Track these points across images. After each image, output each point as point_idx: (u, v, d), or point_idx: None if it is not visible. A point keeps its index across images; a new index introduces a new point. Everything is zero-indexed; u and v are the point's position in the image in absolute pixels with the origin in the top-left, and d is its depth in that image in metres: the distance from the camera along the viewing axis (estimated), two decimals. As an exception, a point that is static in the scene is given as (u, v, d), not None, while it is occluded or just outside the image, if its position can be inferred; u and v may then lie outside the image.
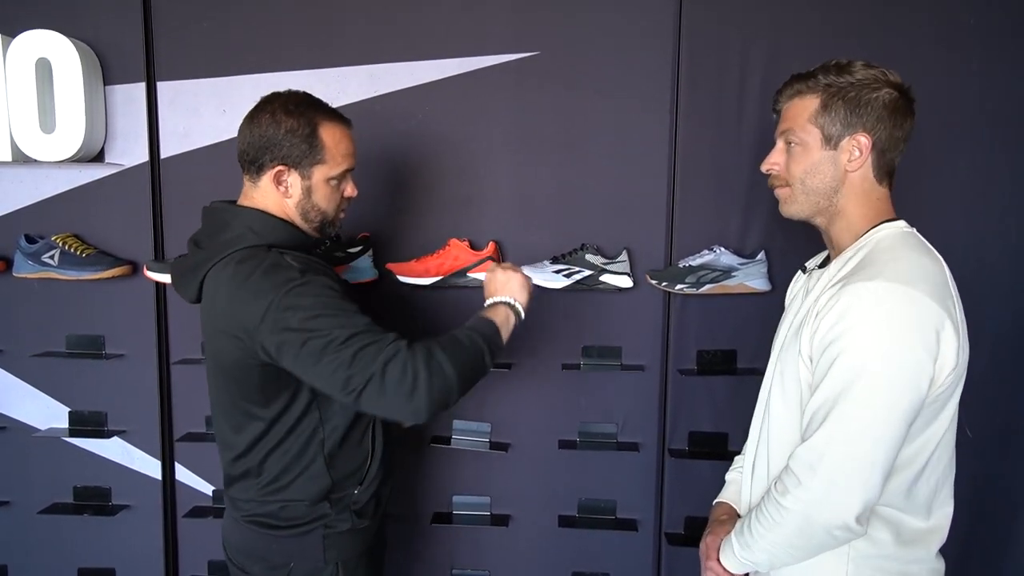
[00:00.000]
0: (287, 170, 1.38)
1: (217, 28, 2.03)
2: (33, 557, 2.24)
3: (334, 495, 1.45)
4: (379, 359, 1.22)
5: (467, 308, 2.05)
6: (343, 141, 1.43)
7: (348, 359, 1.22)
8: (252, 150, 1.38)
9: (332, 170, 1.41)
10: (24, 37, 1.93)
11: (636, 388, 2.10)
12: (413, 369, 1.22)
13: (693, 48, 1.97)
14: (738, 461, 1.54)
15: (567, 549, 2.17)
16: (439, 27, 2.01)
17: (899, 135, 1.22)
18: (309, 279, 1.29)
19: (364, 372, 1.22)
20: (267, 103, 1.40)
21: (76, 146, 1.98)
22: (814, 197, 1.25)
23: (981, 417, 2.02)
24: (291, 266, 1.31)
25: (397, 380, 1.21)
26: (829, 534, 1.13)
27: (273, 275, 1.29)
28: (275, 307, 1.25)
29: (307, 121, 1.38)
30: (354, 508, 1.47)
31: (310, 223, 1.44)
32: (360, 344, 1.23)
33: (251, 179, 1.42)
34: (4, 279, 2.10)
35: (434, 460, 2.17)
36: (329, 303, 1.27)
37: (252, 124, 1.39)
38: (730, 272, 1.95)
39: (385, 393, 1.22)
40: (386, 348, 1.23)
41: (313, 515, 1.44)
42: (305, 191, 1.41)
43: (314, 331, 1.24)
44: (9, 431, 2.18)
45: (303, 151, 1.37)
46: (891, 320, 1.10)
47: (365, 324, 1.27)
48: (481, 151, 2.04)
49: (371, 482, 1.50)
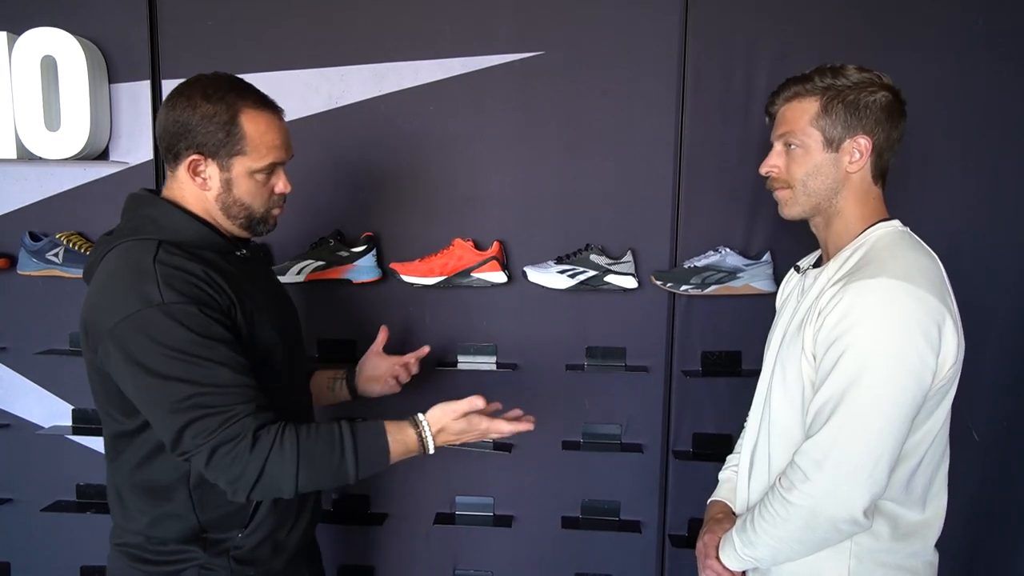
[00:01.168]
0: (203, 160, 1.25)
1: (222, 26, 2.03)
2: (36, 555, 2.24)
3: (208, 536, 1.28)
4: (213, 439, 1.11)
5: (471, 308, 2.08)
6: (270, 131, 1.28)
7: (182, 423, 1.11)
8: (167, 136, 1.25)
9: (255, 162, 1.26)
10: (29, 35, 1.93)
11: (640, 389, 2.09)
12: (245, 461, 1.12)
13: (699, 48, 1.96)
14: (731, 460, 1.56)
15: (570, 550, 2.17)
16: (444, 26, 2.00)
17: (895, 136, 1.25)
18: (169, 305, 1.13)
19: (193, 443, 1.12)
20: (186, 86, 1.26)
21: (81, 144, 1.98)
22: (815, 198, 1.27)
23: (987, 418, 2.02)
24: (154, 278, 1.15)
25: (225, 465, 1.12)
26: (835, 528, 1.15)
27: (134, 286, 1.15)
28: (119, 327, 1.13)
29: (226, 107, 1.23)
30: (235, 555, 1.28)
31: (234, 219, 1.30)
32: (200, 412, 1.11)
33: (170, 168, 1.29)
34: (8, 276, 2.10)
35: (437, 460, 2.13)
36: (181, 342, 1.12)
37: (168, 108, 1.25)
38: (735, 273, 1.94)
39: (208, 470, 1.14)
40: (224, 427, 1.11)
41: (182, 555, 1.27)
42: (224, 184, 1.27)
43: (152, 374, 1.11)
44: (12, 428, 2.18)
45: (220, 140, 1.23)
46: (895, 316, 1.12)
47: (218, 380, 1.13)
48: (486, 151, 2.04)
49: (259, 527, 1.30)
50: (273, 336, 1.31)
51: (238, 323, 1.23)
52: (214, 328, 1.16)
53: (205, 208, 1.29)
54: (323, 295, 2.09)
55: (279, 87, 1.98)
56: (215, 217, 1.30)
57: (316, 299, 2.09)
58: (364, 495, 2.19)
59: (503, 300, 2.07)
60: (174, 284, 1.15)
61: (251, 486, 1.14)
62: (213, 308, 1.18)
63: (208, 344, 1.14)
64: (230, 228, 1.33)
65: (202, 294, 1.18)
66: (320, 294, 2.09)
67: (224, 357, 1.15)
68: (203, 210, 1.29)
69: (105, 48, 2.04)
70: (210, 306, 1.18)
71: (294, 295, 1.98)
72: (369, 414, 2.04)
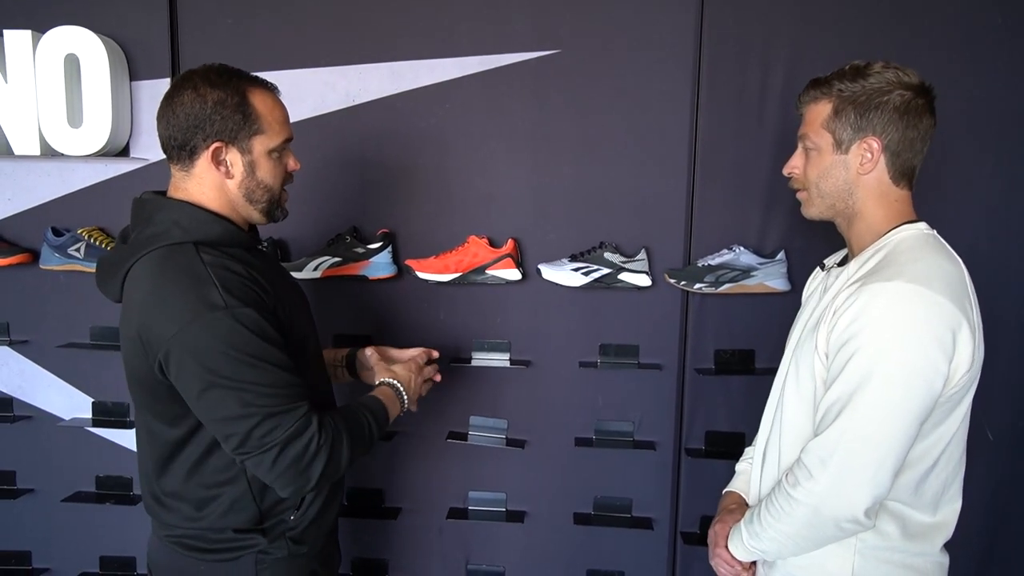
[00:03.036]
0: (224, 147, 1.24)
1: (241, 24, 2.05)
2: (56, 544, 2.28)
3: (266, 523, 1.32)
4: (282, 435, 1.15)
5: (485, 305, 2.09)
6: (276, 108, 1.30)
7: (251, 425, 1.14)
8: (180, 133, 1.23)
9: (272, 140, 1.28)
10: (53, 33, 1.96)
11: (653, 387, 2.09)
12: (315, 451, 1.17)
13: (714, 47, 1.96)
14: (748, 452, 1.57)
15: (582, 547, 2.18)
16: (460, 25, 2.01)
17: (913, 135, 1.22)
18: (232, 309, 1.15)
19: (261, 443, 1.14)
20: (185, 80, 1.25)
21: (102, 141, 2.01)
22: (829, 200, 1.28)
23: (1002, 420, 2.01)
24: (212, 282, 1.16)
25: (293, 459, 1.16)
26: (837, 526, 1.16)
27: (193, 290, 1.15)
28: (186, 333, 1.13)
29: (235, 90, 1.23)
30: (290, 535, 1.34)
31: (256, 204, 1.30)
32: (266, 413, 1.14)
33: (182, 167, 1.27)
34: (31, 271, 2.13)
35: (451, 456, 2.18)
36: (248, 346, 1.15)
37: (173, 105, 1.23)
38: (749, 272, 1.94)
39: (275, 467, 1.16)
40: (294, 424, 1.16)
41: (243, 542, 1.30)
42: (248, 168, 1.27)
43: (222, 378, 1.13)
44: (35, 420, 2.22)
45: (238, 123, 1.23)
46: (908, 320, 1.12)
47: (281, 382, 1.17)
48: (501, 148, 2.05)
49: (309, 507, 1.37)
50: (305, 327, 1.38)
51: (282, 320, 1.25)
52: (269, 330, 1.19)
53: (225, 201, 1.29)
54: (339, 291, 2.11)
55: (298, 85, 2.03)
56: (236, 209, 1.30)
57: (332, 295, 2.11)
58: (378, 489, 2.21)
59: (517, 297, 2.08)
60: (232, 287, 1.17)
61: (320, 473, 1.19)
62: (264, 309, 1.20)
63: (267, 347, 1.17)
64: (250, 217, 1.33)
65: (255, 295, 1.20)
66: (336, 290, 2.11)
67: (280, 358, 1.19)
68: (222, 204, 1.28)
69: (126, 46, 2.07)
70: (263, 307, 1.20)
71: (310, 291, 2.01)
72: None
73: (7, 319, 2.18)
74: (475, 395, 2.13)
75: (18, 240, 2.15)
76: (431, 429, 2.15)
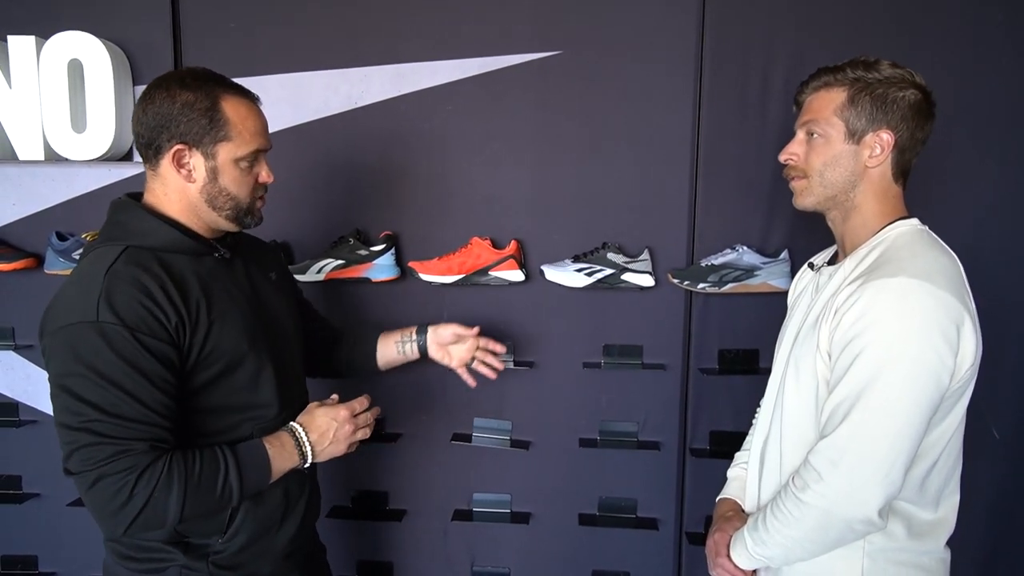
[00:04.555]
0: (187, 149, 1.22)
1: (243, 28, 2.06)
2: (62, 548, 2.28)
3: (188, 540, 1.27)
4: (99, 466, 1.09)
5: (488, 307, 2.09)
6: (250, 117, 1.27)
7: (76, 444, 1.10)
8: (147, 131, 1.23)
9: (239, 149, 1.25)
10: (57, 38, 1.97)
11: (657, 387, 2.09)
12: (126, 496, 1.09)
13: (716, 47, 1.96)
14: (740, 457, 1.55)
15: (587, 547, 2.18)
16: (462, 27, 2.02)
17: (919, 136, 1.24)
18: (102, 324, 1.10)
19: (80, 466, 1.10)
20: (162, 80, 1.25)
21: (106, 145, 2.01)
22: (831, 190, 1.26)
23: (1008, 418, 2.01)
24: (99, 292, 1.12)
25: (105, 495, 1.10)
26: (850, 528, 1.15)
27: (79, 296, 1.14)
28: (55, 336, 1.13)
29: (206, 94, 1.22)
30: (215, 560, 1.27)
31: (220, 211, 1.27)
32: (94, 439, 1.09)
33: (150, 167, 1.26)
34: (36, 275, 2.13)
35: (455, 457, 2.18)
36: (104, 365, 1.10)
37: (145, 102, 1.23)
38: (753, 271, 1.94)
39: (87, 496, 1.11)
40: (115, 459, 1.09)
41: (165, 554, 1.26)
42: (210, 173, 1.24)
43: (66, 389, 1.10)
44: (40, 424, 2.22)
45: (203, 127, 1.22)
46: (914, 315, 1.11)
47: (124, 412, 1.10)
48: (504, 150, 2.05)
49: (239, 532, 1.29)
50: (238, 345, 1.26)
51: (185, 339, 1.19)
52: (141, 357, 1.13)
53: (187, 205, 1.27)
54: (343, 294, 2.12)
55: (300, 88, 2.04)
56: (199, 215, 1.28)
57: (336, 298, 2.12)
58: (383, 492, 2.21)
59: (521, 298, 2.08)
60: (114, 302, 1.12)
61: (132, 519, 1.11)
62: (150, 333, 1.14)
63: (128, 372, 1.11)
64: (216, 224, 1.30)
65: (143, 314, 1.14)
66: (339, 293, 2.11)
67: (140, 389, 1.12)
68: (183, 208, 1.27)
69: (130, 51, 2.07)
70: (146, 330, 1.13)
71: (314, 294, 2.01)
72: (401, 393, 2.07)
73: (12, 324, 2.19)
74: (479, 397, 2.13)
75: (23, 245, 2.15)
76: (435, 431, 2.15)
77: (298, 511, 1.39)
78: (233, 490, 1.19)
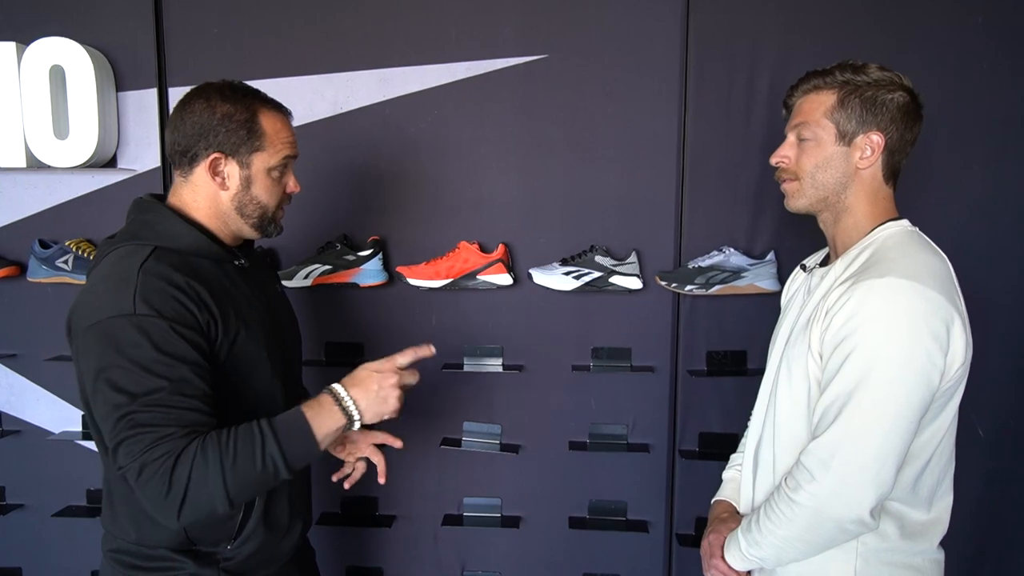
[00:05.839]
0: (224, 158, 1.27)
1: (227, 34, 2.05)
2: (47, 559, 2.25)
3: (197, 548, 1.28)
4: (142, 457, 1.09)
5: (477, 311, 2.09)
6: (284, 129, 1.33)
7: (120, 438, 1.10)
8: (184, 140, 1.27)
9: (272, 158, 1.30)
10: (38, 44, 1.95)
11: (646, 389, 2.10)
12: (166, 483, 1.09)
13: (701, 50, 1.97)
14: (735, 459, 1.55)
15: (578, 550, 2.18)
16: (448, 31, 2.02)
17: (908, 138, 1.25)
18: (139, 317, 1.12)
19: (125, 459, 1.10)
20: (200, 91, 1.30)
21: (89, 152, 2.00)
22: (822, 192, 1.27)
23: (993, 417, 2.02)
24: (134, 287, 1.15)
25: (151, 488, 1.09)
26: (841, 528, 1.15)
27: (114, 291, 1.15)
28: (91, 330, 1.14)
29: (245, 107, 1.28)
30: (225, 567, 1.28)
31: (248, 219, 1.32)
32: (136, 431, 1.10)
33: (182, 173, 1.30)
34: (19, 284, 2.12)
35: (445, 462, 2.17)
36: (142, 356, 1.11)
37: (184, 112, 1.28)
38: (740, 273, 1.95)
39: (138, 486, 1.11)
40: (156, 446, 1.09)
41: (173, 562, 1.27)
42: (244, 182, 1.29)
43: (109, 382, 1.11)
44: (24, 434, 2.20)
45: (241, 137, 1.27)
46: (904, 315, 1.11)
47: (162, 401, 1.11)
48: (490, 154, 2.05)
49: (250, 539, 1.30)
50: (259, 352, 1.29)
51: (216, 339, 1.21)
52: (179, 346, 1.14)
53: (216, 212, 1.30)
54: (330, 299, 2.11)
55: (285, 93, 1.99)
56: (226, 222, 1.31)
57: (323, 303, 2.11)
58: (372, 497, 2.20)
59: (509, 302, 2.08)
60: (150, 296, 1.14)
61: (180, 505, 1.10)
62: (185, 324, 1.16)
63: (166, 362, 1.12)
64: (240, 231, 1.34)
65: (178, 308, 1.16)
66: (327, 298, 2.10)
67: (178, 377, 1.13)
68: (212, 215, 1.30)
69: (112, 57, 2.06)
70: (182, 322, 1.16)
71: (301, 299, 2.01)
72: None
73: (-5, 333, 2.17)
74: (468, 401, 2.13)
75: (5, 253, 2.13)
76: (424, 436, 2.14)
77: (300, 515, 1.42)
78: (276, 460, 1.14)
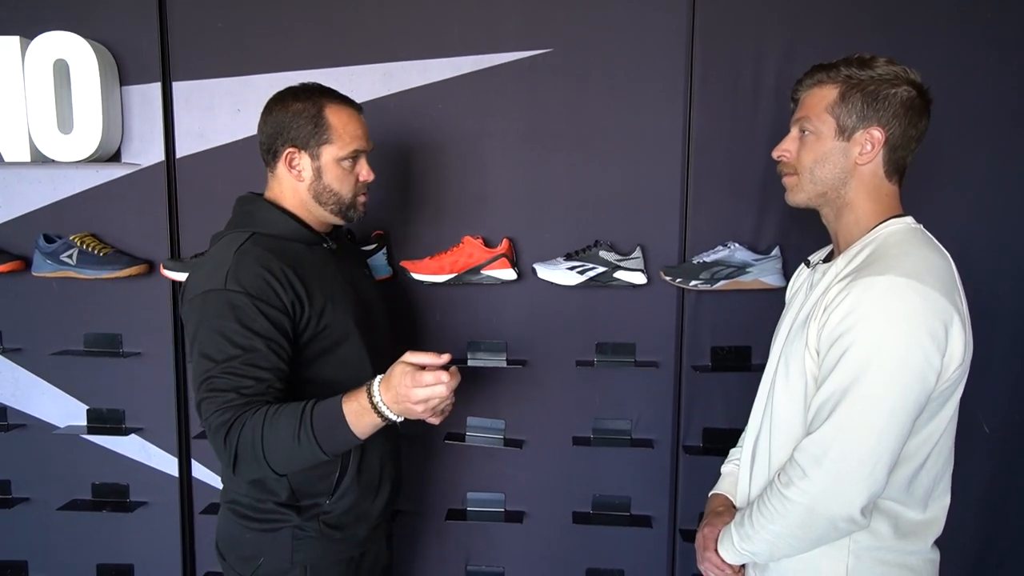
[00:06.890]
0: (297, 152, 1.42)
1: (232, 28, 2.05)
2: (52, 553, 2.26)
3: (302, 502, 1.43)
4: (211, 417, 1.25)
5: (481, 305, 2.09)
6: (351, 123, 1.46)
7: (200, 397, 1.27)
8: (267, 139, 1.44)
9: (341, 150, 1.43)
10: (42, 39, 1.95)
11: (650, 385, 2.09)
12: (223, 442, 1.24)
13: (707, 44, 1.96)
14: (734, 453, 1.55)
15: (581, 546, 2.18)
16: (453, 25, 2.01)
17: (912, 134, 1.23)
18: (228, 292, 1.29)
19: (203, 415, 1.27)
20: (280, 93, 1.47)
21: (93, 146, 2.00)
22: (821, 187, 1.26)
23: (998, 414, 2.02)
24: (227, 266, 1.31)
25: (215, 445, 1.27)
26: (833, 526, 1.15)
27: (214, 270, 1.32)
28: (192, 302, 1.32)
29: (313, 103, 1.42)
30: (324, 519, 1.44)
31: (326, 206, 1.46)
32: (211, 393, 1.26)
33: (270, 169, 1.47)
34: (23, 278, 2.12)
35: (448, 457, 2.17)
36: (229, 328, 1.27)
37: (267, 114, 1.45)
38: (745, 268, 1.94)
39: (210, 443, 1.28)
40: (222, 411, 1.24)
41: (280, 515, 1.43)
42: (316, 172, 1.44)
43: (199, 345, 1.29)
44: (29, 428, 2.21)
45: (309, 131, 1.41)
46: (901, 314, 1.11)
47: (236, 370, 1.26)
48: (495, 148, 2.05)
49: (344, 496, 1.45)
50: (347, 322, 1.44)
51: (302, 316, 1.36)
52: (259, 321, 1.29)
53: (300, 201, 1.46)
54: (334, 294, 2.10)
55: (289, 87, 2.02)
56: (309, 209, 1.47)
57: (327, 298, 2.10)
58: (376, 492, 2.20)
59: (513, 297, 2.08)
60: (240, 275, 1.30)
61: (232, 462, 1.25)
62: (268, 303, 1.31)
63: (246, 334, 1.27)
64: (323, 217, 1.48)
65: (263, 287, 1.31)
66: (331, 293, 2.10)
67: (254, 349, 1.28)
68: (297, 204, 1.46)
69: (116, 51, 2.06)
70: (265, 300, 1.30)
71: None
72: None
73: (0, 327, 2.17)
74: (472, 396, 2.13)
75: (10, 248, 2.13)
76: (428, 431, 2.13)
77: (389, 481, 1.56)
78: (311, 444, 1.22)
